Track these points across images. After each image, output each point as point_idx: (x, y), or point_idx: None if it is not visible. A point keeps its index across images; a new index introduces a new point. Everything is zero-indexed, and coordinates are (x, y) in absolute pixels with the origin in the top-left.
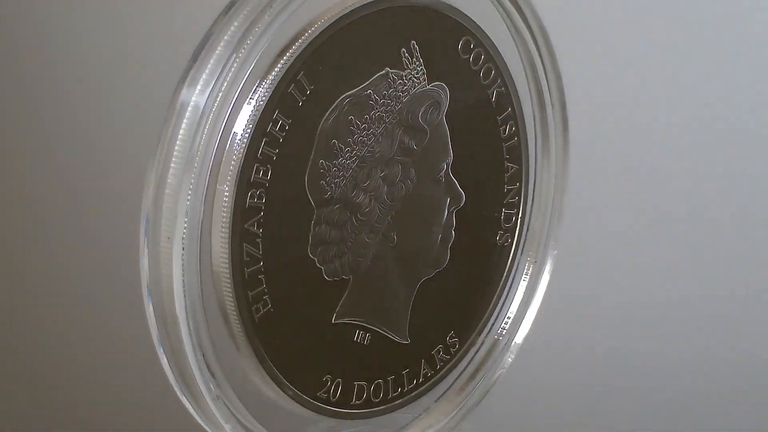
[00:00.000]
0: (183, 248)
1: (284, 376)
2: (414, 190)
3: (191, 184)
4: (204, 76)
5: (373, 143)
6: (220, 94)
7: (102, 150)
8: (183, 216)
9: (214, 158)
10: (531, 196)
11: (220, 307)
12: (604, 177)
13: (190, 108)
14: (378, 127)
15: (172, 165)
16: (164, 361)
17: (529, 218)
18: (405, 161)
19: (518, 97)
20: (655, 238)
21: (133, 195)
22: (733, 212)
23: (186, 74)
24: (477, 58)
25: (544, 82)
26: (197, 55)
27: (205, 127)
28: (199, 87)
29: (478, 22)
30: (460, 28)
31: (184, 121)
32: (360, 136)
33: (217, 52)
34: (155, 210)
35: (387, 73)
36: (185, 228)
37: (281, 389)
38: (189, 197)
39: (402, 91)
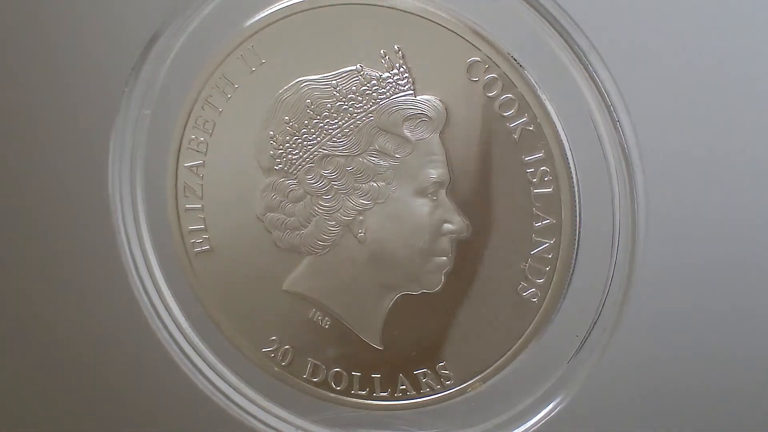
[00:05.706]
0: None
1: (221, 316)
2: (393, 196)
3: (155, 120)
4: (170, 28)
5: (337, 134)
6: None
7: (77, 79)
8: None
9: (171, 100)
10: (576, 258)
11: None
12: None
13: (148, 63)
14: (343, 120)
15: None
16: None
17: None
18: (381, 164)
19: (563, 146)
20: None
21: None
22: None
23: (159, 29)
24: (491, 86)
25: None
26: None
27: (167, 76)
28: (161, 40)
29: (514, 55)
30: (469, 49)
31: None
32: (319, 123)
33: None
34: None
35: (359, 70)
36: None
37: (217, 326)
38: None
39: (379, 93)
